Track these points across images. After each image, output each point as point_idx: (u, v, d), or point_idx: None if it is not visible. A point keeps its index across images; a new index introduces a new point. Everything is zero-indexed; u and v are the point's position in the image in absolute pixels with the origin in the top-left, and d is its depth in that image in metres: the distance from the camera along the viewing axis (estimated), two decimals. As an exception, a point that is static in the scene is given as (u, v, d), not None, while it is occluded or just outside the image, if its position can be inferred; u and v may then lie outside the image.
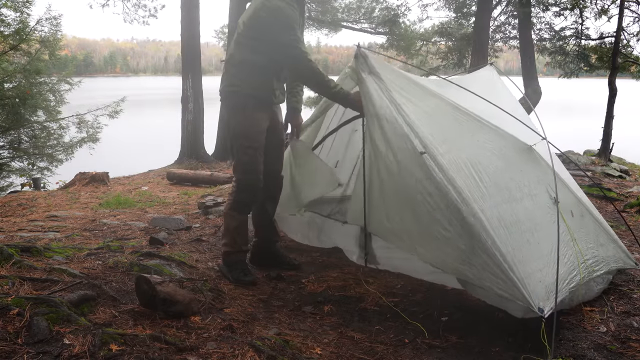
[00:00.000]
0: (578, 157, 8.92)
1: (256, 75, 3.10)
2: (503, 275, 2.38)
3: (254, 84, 3.11)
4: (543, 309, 2.30)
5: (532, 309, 2.30)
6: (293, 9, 2.98)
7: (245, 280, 3.11)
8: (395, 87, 2.93)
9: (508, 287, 2.38)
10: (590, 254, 2.83)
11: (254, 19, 3.00)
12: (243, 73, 3.10)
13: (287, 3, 2.96)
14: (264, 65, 3.07)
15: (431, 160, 2.64)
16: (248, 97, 3.11)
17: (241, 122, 3.12)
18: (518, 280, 2.35)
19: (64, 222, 4.67)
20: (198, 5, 11.77)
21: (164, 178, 9.18)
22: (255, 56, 3.05)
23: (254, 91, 3.11)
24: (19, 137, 10.02)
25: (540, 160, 2.85)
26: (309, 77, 3.09)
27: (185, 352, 1.98)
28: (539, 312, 2.28)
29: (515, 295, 2.36)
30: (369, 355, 2.34)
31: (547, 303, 2.35)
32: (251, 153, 3.11)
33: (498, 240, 2.44)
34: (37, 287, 2.43)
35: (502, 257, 2.40)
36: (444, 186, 2.57)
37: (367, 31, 13.25)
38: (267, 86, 3.14)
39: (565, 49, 13.37)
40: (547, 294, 2.40)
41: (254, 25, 3.01)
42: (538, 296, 2.35)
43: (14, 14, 9.24)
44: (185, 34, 11.68)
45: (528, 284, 2.36)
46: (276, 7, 2.92)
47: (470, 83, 3.38)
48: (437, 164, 2.62)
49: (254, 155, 3.12)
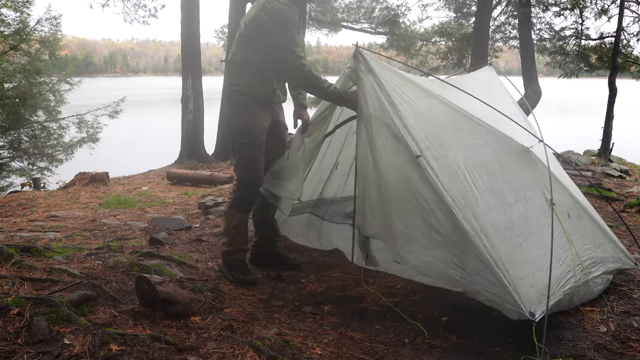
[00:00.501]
0: (578, 157, 8.92)
1: (257, 75, 3.13)
2: (494, 279, 2.39)
3: (255, 84, 3.13)
4: (534, 313, 2.31)
5: (523, 313, 2.31)
6: (292, 11, 3.02)
7: (244, 279, 3.12)
8: (393, 88, 2.93)
9: (499, 291, 2.38)
10: (587, 255, 2.83)
11: (255, 20, 3.04)
12: (244, 73, 3.13)
13: (287, 6, 2.99)
14: (263, 65, 3.10)
15: (426, 164, 2.64)
16: (249, 96, 3.14)
17: (242, 120, 3.15)
18: (509, 284, 2.36)
19: (64, 222, 4.67)
20: (198, 6, 11.78)
21: (164, 178, 9.19)
22: (255, 56, 3.08)
23: (254, 91, 3.14)
24: (19, 137, 10.02)
25: (537, 162, 2.84)
26: (302, 79, 3.12)
27: (185, 352, 1.98)
28: (529, 317, 2.29)
29: (506, 299, 2.36)
30: (369, 355, 2.34)
31: (539, 307, 2.36)
32: (251, 151, 3.13)
33: (490, 245, 2.44)
34: (37, 287, 2.43)
35: (494, 261, 2.41)
36: (438, 190, 2.57)
37: (367, 31, 13.25)
38: (267, 86, 3.16)
39: (565, 49, 13.37)
40: (539, 297, 2.40)
41: (254, 26, 3.06)
42: (530, 300, 2.36)
43: (14, 14, 9.26)
44: (185, 34, 11.68)
45: (520, 288, 2.36)
46: (275, 10, 2.97)
47: (469, 83, 3.37)
48: (432, 168, 2.62)
49: (254, 154, 3.13)
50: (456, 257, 2.53)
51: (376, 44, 14.07)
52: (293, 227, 4.14)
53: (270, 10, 2.98)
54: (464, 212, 2.51)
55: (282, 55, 3.03)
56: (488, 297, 2.43)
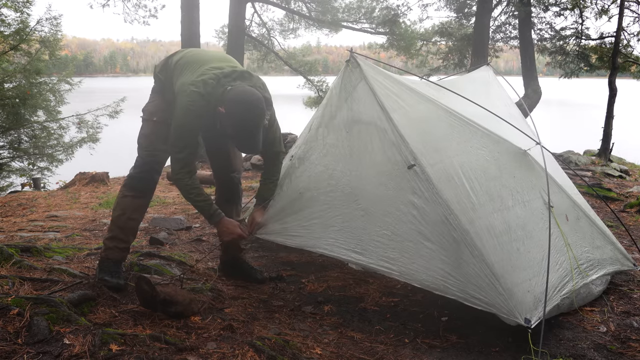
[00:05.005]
0: (578, 157, 8.92)
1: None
2: (489, 287, 2.39)
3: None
4: (530, 319, 2.31)
5: (517, 321, 2.31)
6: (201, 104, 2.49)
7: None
8: (387, 94, 2.92)
9: (493, 300, 2.38)
10: (584, 258, 2.83)
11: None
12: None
13: (199, 96, 2.48)
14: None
15: (420, 172, 2.63)
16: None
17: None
18: (504, 291, 2.36)
19: (64, 222, 4.67)
20: (198, 6, 11.76)
21: (164, 178, 9.16)
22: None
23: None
24: (19, 137, 10.01)
25: (535, 165, 2.84)
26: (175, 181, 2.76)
27: (185, 352, 1.98)
28: (525, 323, 2.30)
29: (500, 309, 2.37)
30: (369, 355, 2.34)
31: (534, 313, 2.36)
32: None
33: (485, 251, 2.44)
34: (37, 287, 2.43)
35: (490, 268, 2.41)
36: (432, 198, 2.57)
37: (367, 31, 13.23)
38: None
39: (565, 49, 13.36)
40: (535, 303, 2.40)
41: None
42: (525, 307, 2.36)
43: (14, 14, 9.25)
44: (185, 34, 11.65)
45: (515, 295, 2.37)
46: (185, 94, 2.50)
47: (466, 85, 3.38)
48: (426, 175, 2.62)
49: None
50: (448, 265, 2.51)
51: (376, 43, 14.02)
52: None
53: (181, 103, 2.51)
54: (458, 219, 2.51)
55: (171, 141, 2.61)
56: (482, 305, 2.43)
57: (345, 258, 2.90)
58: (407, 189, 2.67)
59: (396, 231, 2.69)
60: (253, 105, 2.44)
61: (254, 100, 2.45)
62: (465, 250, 2.46)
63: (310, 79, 13.34)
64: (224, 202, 3.00)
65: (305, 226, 3.05)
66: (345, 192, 2.94)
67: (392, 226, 2.70)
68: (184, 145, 2.56)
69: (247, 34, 12.60)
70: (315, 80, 13.29)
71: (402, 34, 12.79)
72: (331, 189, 3.00)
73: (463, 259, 2.47)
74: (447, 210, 2.53)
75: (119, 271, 2.66)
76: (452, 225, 2.51)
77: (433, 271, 2.55)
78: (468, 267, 2.45)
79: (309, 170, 3.14)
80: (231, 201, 3.07)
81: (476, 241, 2.46)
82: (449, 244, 2.52)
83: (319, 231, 2.99)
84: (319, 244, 2.98)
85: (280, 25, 13.86)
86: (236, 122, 2.44)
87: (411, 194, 2.65)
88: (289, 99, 18.18)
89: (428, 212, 2.59)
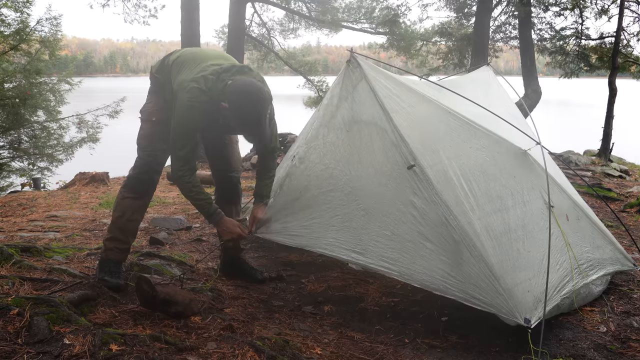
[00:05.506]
0: (578, 157, 8.91)
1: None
2: (488, 287, 2.39)
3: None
4: (530, 319, 2.31)
5: (517, 321, 2.31)
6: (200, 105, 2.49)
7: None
8: (388, 94, 2.92)
9: (493, 300, 2.38)
10: (585, 258, 2.83)
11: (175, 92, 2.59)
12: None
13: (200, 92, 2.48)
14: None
15: (420, 172, 2.63)
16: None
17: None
18: (504, 291, 2.36)
19: (64, 222, 4.67)
20: (198, 6, 11.76)
21: (164, 178, 9.16)
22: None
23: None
24: (19, 137, 10.01)
25: (535, 165, 2.84)
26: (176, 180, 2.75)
27: (185, 352, 1.98)
28: (525, 323, 2.30)
29: (500, 309, 2.37)
30: (369, 355, 2.34)
31: (534, 313, 2.36)
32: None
33: (485, 251, 2.44)
34: (37, 287, 2.43)
35: (490, 268, 2.41)
36: (430, 199, 2.57)
37: (367, 31, 13.23)
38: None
39: (565, 49, 13.37)
40: (535, 303, 2.40)
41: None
42: (525, 307, 2.36)
43: (14, 14, 9.25)
44: (185, 34, 11.65)
45: (515, 295, 2.37)
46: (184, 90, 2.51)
47: (466, 85, 3.37)
48: (426, 176, 2.62)
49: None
50: (448, 266, 2.51)
51: (376, 43, 14.02)
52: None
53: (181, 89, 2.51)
54: (458, 220, 2.51)
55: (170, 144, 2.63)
56: (482, 305, 2.43)
57: (345, 258, 2.90)
58: (407, 189, 2.67)
59: (396, 231, 2.69)
60: (256, 94, 2.45)
61: (256, 90, 2.45)
62: (465, 251, 2.47)
63: (310, 79, 13.34)
64: (223, 202, 3.00)
65: (306, 226, 3.06)
66: (346, 192, 2.94)
67: (392, 226, 2.70)
68: (185, 142, 2.56)
69: (247, 34, 12.61)
70: (315, 80, 13.30)
71: (402, 34, 12.79)
72: (331, 188, 3.00)
73: (463, 259, 2.47)
74: (447, 211, 2.53)
75: (119, 271, 2.67)
76: (452, 226, 2.51)
77: (433, 271, 2.55)
78: (468, 267, 2.45)
79: (309, 170, 3.14)
80: (231, 201, 3.07)
81: (476, 242, 2.46)
82: (448, 244, 2.52)
83: (319, 231, 3.00)
84: (319, 243, 2.98)
85: (280, 25, 13.87)
86: (241, 112, 2.45)
87: (411, 194, 2.65)
88: (289, 99, 18.17)
89: (428, 212, 2.59)
